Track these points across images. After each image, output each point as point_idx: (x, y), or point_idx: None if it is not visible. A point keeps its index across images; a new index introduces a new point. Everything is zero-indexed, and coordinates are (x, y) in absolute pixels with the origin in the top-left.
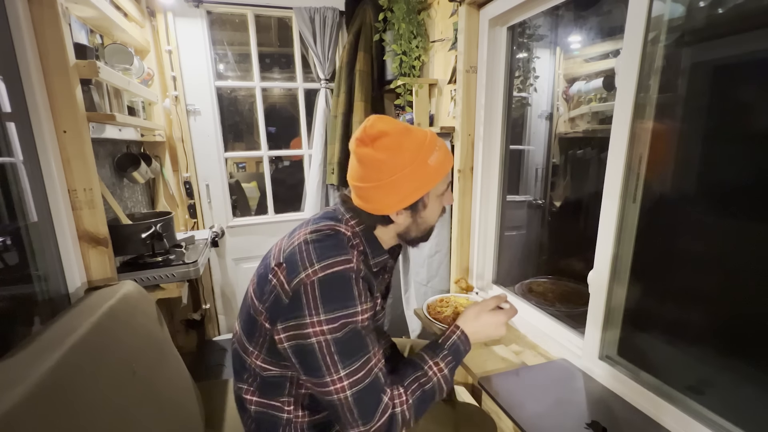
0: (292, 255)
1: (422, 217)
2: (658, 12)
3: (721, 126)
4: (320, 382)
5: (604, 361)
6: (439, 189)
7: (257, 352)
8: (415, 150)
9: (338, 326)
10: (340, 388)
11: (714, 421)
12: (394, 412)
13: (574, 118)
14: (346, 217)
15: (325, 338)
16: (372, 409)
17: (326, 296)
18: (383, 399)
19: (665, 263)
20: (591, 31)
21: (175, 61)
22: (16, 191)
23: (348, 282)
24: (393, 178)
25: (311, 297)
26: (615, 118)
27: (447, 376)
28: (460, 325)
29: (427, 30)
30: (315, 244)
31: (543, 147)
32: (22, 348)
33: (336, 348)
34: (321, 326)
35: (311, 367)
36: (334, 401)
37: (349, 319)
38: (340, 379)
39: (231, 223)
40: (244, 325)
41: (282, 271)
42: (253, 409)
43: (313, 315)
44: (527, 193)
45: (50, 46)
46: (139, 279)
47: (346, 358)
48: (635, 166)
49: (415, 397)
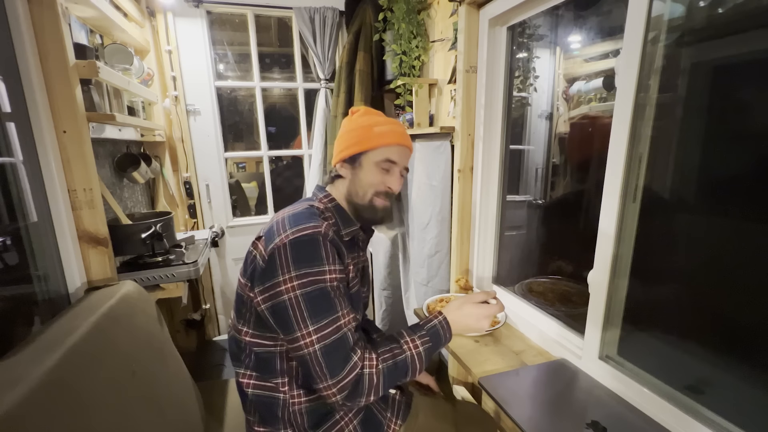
0: (269, 228)
1: (358, 176)
2: (658, 12)
3: (721, 126)
4: (292, 338)
5: (604, 361)
6: (376, 155)
7: (246, 329)
8: (371, 119)
9: (307, 282)
10: (309, 342)
11: (714, 421)
12: (362, 373)
13: (574, 118)
14: (320, 196)
15: (295, 294)
16: (339, 365)
17: (296, 256)
18: (352, 357)
19: (665, 263)
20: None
21: (175, 61)
22: (16, 191)
23: (316, 243)
24: (346, 129)
25: (283, 258)
26: (615, 118)
27: (421, 355)
28: (443, 312)
29: (427, 30)
30: (290, 217)
31: (543, 147)
32: (22, 348)
33: (305, 304)
34: (292, 282)
35: (285, 324)
36: (304, 356)
37: (317, 276)
38: (309, 334)
39: (231, 223)
40: (235, 306)
41: (261, 242)
42: (251, 393)
43: (285, 273)
44: (527, 193)
45: (50, 46)
46: (139, 279)
47: (315, 314)
48: (635, 166)
49: (385, 365)
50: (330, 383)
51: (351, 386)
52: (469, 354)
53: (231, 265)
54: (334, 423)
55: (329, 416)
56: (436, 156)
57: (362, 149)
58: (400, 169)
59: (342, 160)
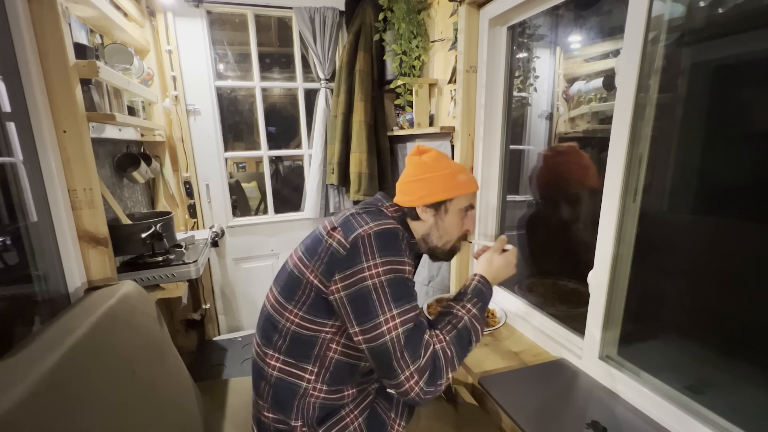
0: (346, 221)
1: (443, 221)
2: (658, 12)
3: (721, 126)
4: (372, 325)
5: (604, 361)
6: (460, 203)
7: (296, 311)
8: (449, 165)
9: (390, 269)
10: (392, 327)
11: (714, 421)
12: (435, 349)
13: (574, 118)
14: (386, 204)
15: (380, 279)
16: (418, 346)
17: (381, 245)
18: (425, 337)
19: (665, 263)
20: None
21: (175, 61)
22: (16, 191)
23: (398, 237)
24: (429, 175)
25: (368, 246)
26: (615, 117)
27: (477, 315)
28: (476, 272)
29: (427, 30)
30: (365, 214)
31: (543, 147)
32: (22, 348)
33: (390, 289)
34: (377, 269)
35: (365, 311)
36: (385, 343)
37: (399, 266)
38: (393, 318)
39: (231, 223)
40: (283, 289)
41: (338, 233)
42: (275, 375)
43: (369, 260)
44: (527, 193)
45: (50, 46)
46: (139, 279)
47: (398, 299)
48: (635, 166)
49: (451, 335)
50: (412, 369)
51: (430, 366)
52: (469, 354)
53: (231, 265)
54: (339, 419)
55: (336, 413)
56: None
57: (450, 196)
58: (474, 210)
59: (426, 204)
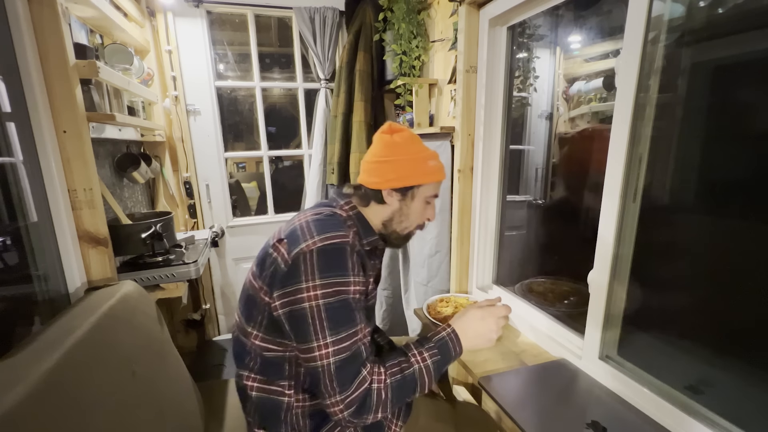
0: (293, 231)
1: (408, 207)
2: (658, 12)
3: (721, 126)
4: (308, 347)
5: (604, 361)
6: (428, 190)
7: (256, 332)
8: (421, 149)
9: (331, 292)
10: (324, 354)
11: (714, 421)
12: (371, 387)
13: (574, 118)
14: (341, 203)
15: (317, 303)
16: (350, 379)
17: (323, 264)
18: (362, 371)
19: (665, 263)
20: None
21: (175, 61)
22: (16, 191)
23: (344, 253)
24: (399, 158)
25: (309, 264)
26: (615, 118)
27: (430, 368)
28: (451, 324)
29: (427, 30)
30: (315, 223)
31: (543, 147)
32: (22, 348)
33: (326, 314)
34: (315, 291)
35: (302, 332)
36: (317, 367)
37: (341, 287)
38: (326, 345)
39: (231, 223)
40: (243, 309)
41: (283, 245)
42: (255, 395)
43: (309, 280)
44: (527, 193)
45: (50, 46)
46: (139, 279)
47: (335, 325)
48: (635, 166)
49: (393, 379)
50: (338, 398)
51: (359, 402)
52: (469, 354)
53: (231, 265)
54: (335, 424)
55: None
56: None
57: (418, 182)
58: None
59: (393, 188)
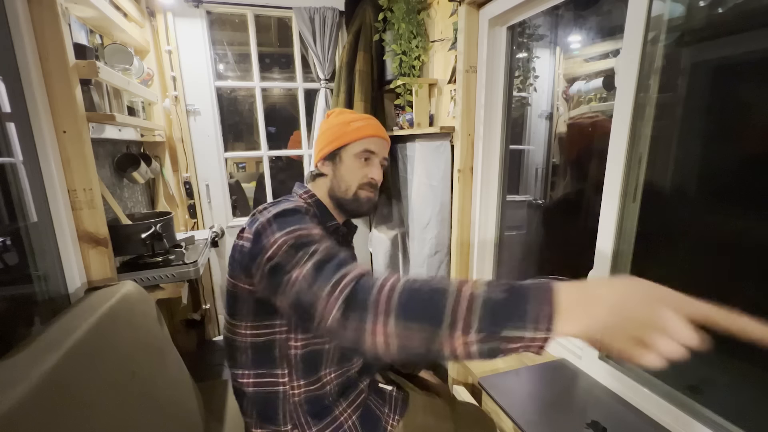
0: (252, 220)
1: (340, 170)
2: (657, 12)
3: (720, 125)
4: (286, 282)
5: (604, 361)
6: (355, 147)
7: (244, 323)
8: (348, 117)
9: (296, 235)
10: (300, 271)
11: (714, 421)
12: (369, 279)
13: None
14: (299, 193)
15: (280, 243)
16: (332, 271)
17: (281, 222)
18: (349, 264)
19: (665, 263)
20: (591, 30)
21: (174, 61)
22: (16, 191)
23: (299, 212)
24: (325, 129)
25: (268, 228)
26: (615, 117)
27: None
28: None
29: (426, 30)
30: (271, 206)
31: (543, 147)
32: (22, 348)
33: (295, 249)
34: (280, 239)
35: (280, 276)
36: (295, 285)
37: (304, 231)
38: (303, 265)
39: (231, 223)
40: (229, 310)
41: (245, 233)
42: (251, 391)
43: (272, 237)
44: (527, 193)
45: (50, 46)
46: (139, 279)
47: (302, 249)
48: (635, 166)
49: (410, 282)
50: (322, 297)
51: (350, 290)
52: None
53: None
54: (333, 419)
55: (328, 410)
56: (436, 156)
57: (341, 144)
58: (380, 159)
59: (323, 158)
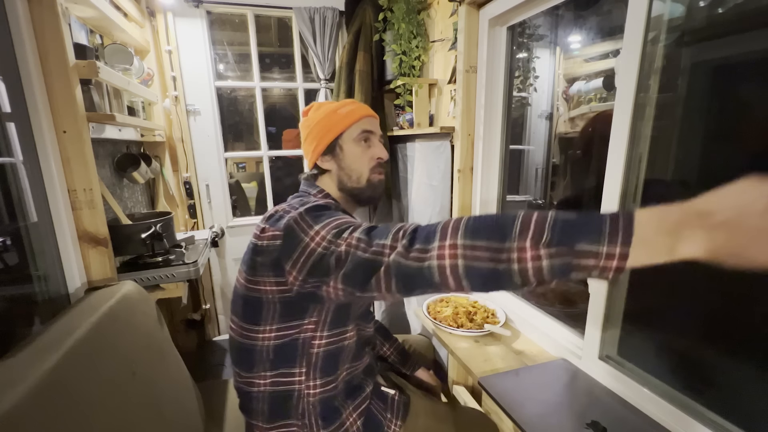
0: (271, 216)
1: (345, 161)
2: (657, 12)
3: (721, 126)
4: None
5: (604, 361)
6: (352, 132)
7: (269, 327)
8: (329, 106)
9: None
10: (350, 240)
11: (714, 421)
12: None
13: (574, 118)
14: (312, 192)
15: (326, 240)
16: (385, 230)
17: (315, 216)
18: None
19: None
20: (591, 30)
21: (175, 61)
22: (16, 191)
23: (329, 207)
24: (311, 126)
25: (303, 222)
26: (615, 117)
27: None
28: None
29: (427, 30)
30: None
31: (543, 147)
32: (22, 348)
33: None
34: (320, 234)
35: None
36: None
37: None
38: (351, 236)
39: (231, 223)
40: (245, 316)
41: (268, 231)
42: (267, 390)
43: (308, 232)
44: (527, 193)
45: (50, 46)
46: (139, 279)
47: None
48: (635, 166)
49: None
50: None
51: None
52: (469, 354)
53: (231, 265)
54: (340, 424)
55: (337, 414)
56: (436, 156)
57: (337, 134)
58: (378, 137)
59: (320, 154)
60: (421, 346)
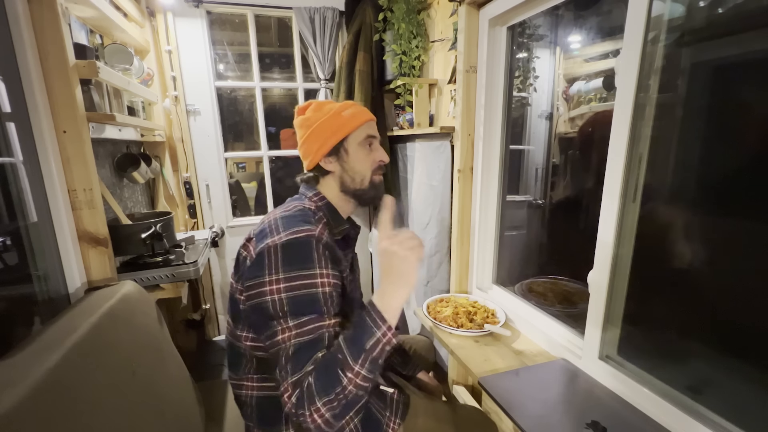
0: (262, 230)
1: (348, 163)
2: (657, 12)
3: (721, 125)
4: (272, 332)
5: (604, 361)
6: (357, 136)
7: (245, 334)
8: (331, 107)
9: (296, 285)
10: (286, 337)
11: (714, 421)
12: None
13: (574, 118)
14: (309, 195)
15: (280, 297)
16: (303, 363)
17: (286, 258)
18: (317, 355)
19: (665, 263)
20: (591, 30)
21: (175, 61)
22: (16, 191)
23: (308, 246)
24: (314, 127)
25: (273, 259)
26: (615, 117)
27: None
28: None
29: (427, 30)
30: (283, 219)
31: (543, 147)
32: (22, 348)
33: (289, 306)
34: (279, 284)
35: (265, 323)
36: (279, 351)
37: (307, 281)
38: (289, 329)
39: (231, 223)
40: (232, 315)
41: (251, 243)
42: (255, 396)
43: (272, 274)
44: (527, 193)
45: (50, 46)
46: (139, 279)
47: (299, 314)
48: (635, 166)
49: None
50: (289, 382)
51: (299, 393)
52: (469, 354)
53: (231, 265)
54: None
55: None
56: (436, 156)
57: (343, 136)
58: (378, 141)
59: (324, 154)
60: (422, 346)
